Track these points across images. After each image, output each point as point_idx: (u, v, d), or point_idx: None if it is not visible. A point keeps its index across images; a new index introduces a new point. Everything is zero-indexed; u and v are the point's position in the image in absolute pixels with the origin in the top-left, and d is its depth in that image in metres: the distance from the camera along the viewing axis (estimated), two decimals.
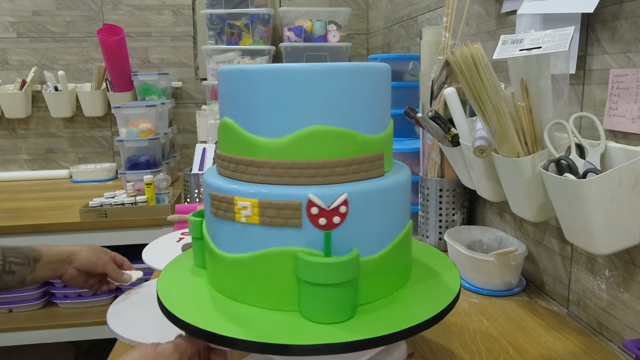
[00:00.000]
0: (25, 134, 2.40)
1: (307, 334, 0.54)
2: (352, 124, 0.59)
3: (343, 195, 0.56)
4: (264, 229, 0.57)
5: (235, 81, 0.61)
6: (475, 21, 1.20)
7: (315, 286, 0.55)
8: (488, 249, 1.07)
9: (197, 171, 1.59)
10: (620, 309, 0.78)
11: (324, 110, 0.58)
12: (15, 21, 2.31)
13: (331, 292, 0.55)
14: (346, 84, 0.58)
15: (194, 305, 0.61)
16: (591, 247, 0.71)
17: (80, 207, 1.69)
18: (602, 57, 0.79)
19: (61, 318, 1.76)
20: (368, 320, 0.57)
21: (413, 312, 0.59)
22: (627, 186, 0.66)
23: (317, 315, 0.56)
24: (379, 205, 0.59)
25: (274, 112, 0.58)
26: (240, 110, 0.61)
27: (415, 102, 1.28)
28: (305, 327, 0.56)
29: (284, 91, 0.58)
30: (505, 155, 0.84)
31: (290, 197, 0.56)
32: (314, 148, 0.58)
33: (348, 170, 0.59)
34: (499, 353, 0.78)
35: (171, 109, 2.37)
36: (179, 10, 2.40)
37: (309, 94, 0.57)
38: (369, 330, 0.54)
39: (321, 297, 0.56)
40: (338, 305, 0.56)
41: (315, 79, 0.57)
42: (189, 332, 0.57)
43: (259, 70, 0.59)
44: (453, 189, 1.19)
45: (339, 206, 0.56)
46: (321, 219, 0.56)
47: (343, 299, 0.56)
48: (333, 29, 2.19)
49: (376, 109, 0.62)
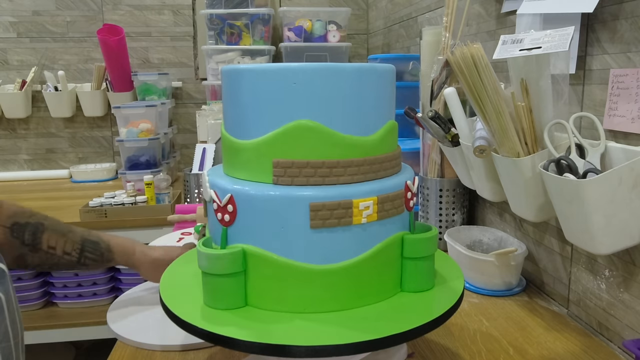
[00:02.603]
0: (25, 134, 2.40)
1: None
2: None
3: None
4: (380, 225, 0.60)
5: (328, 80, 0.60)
6: (475, 21, 1.20)
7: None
8: (488, 249, 1.07)
9: (197, 171, 1.59)
10: (620, 309, 0.78)
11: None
12: (15, 21, 2.31)
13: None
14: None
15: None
16: (591, 247, 0.71)
17: (80, 207, 1.69)
18: (602, 57, 0.79)
19: (61, 318, 1.76)
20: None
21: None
22: (627, 186, 0.66)
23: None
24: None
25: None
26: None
27: (415, 102, 1.28)
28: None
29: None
30: (505, 155, 0.84)
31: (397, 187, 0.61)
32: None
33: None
34: (499, 353, 0.78)
35: (171, 109, 2.37)
36: (179, 10, 2.40)
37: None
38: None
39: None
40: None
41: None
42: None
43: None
44: (453, 189, 1.19)
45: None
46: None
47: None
48: (333, 29, 2.19)
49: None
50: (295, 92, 0.57)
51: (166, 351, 0.80)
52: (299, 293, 0.58)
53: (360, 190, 0.58)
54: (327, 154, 0.58)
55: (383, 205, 0.59)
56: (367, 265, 0.59)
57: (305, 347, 0.52)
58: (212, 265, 0.58)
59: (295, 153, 0.58)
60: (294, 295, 0.58)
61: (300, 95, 0.58)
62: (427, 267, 0.64)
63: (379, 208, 0.59)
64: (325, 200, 0.56)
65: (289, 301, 0.58)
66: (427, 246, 0.63)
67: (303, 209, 0.56)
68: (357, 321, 0.57)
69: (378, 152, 0.61)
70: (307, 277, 0.58)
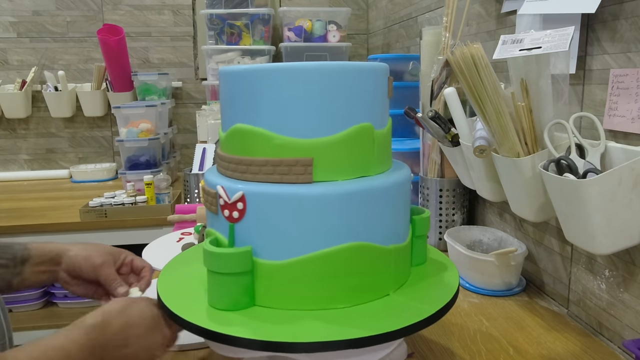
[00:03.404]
0: (25, 134, 2.41)
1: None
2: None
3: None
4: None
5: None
6: (475, 21, 1.20)
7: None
8: (488, 249, 1.07)
9: (197, 171, 1.59)
10: (620, 309, 0.78)
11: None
12: (15, 21, 2.31)
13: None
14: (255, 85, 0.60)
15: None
16: (591, 247, 0.71)
17: (80, 207, 1.69)
18: (602, 57, 0.79)
19: (61, 318, 1.76)
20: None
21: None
22: (627, 186, 0.66)
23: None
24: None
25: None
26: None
27: (415, 102, 1.28)
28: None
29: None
30: (505, 155, 0.84)
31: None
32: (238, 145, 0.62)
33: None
34: (499, 353, 0.78)
35: (171, 109, 2.37)
36: (179, 10, 2.40)
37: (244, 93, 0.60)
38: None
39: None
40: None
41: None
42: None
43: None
44: (453, 189, 1.19)
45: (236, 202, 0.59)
46: (225, 211, 0.60)
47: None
48: (333, 29, 2.19)
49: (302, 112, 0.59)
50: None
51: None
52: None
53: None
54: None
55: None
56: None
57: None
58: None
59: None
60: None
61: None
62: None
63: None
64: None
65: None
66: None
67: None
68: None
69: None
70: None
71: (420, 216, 0.70)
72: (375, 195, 0.60)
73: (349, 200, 0.58)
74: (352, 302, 0.60)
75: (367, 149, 0.62)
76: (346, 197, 0.58)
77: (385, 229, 0.62)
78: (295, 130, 0.58)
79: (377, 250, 0.60)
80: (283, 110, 0.58)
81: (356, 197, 0.58)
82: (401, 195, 0.64)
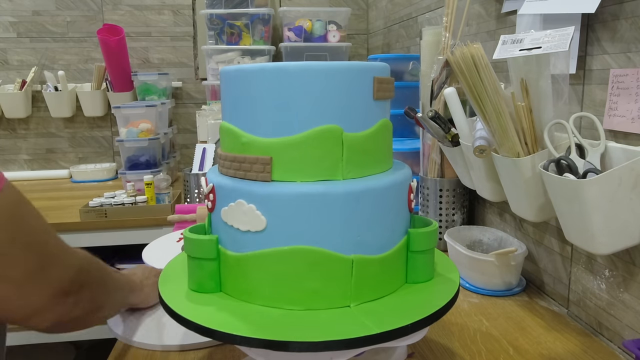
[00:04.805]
0: (25, 134, 2.40)
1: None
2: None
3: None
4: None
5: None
6: (475, 21, 1.20)
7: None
8: (488, 249, 1.07)
9: (197, 171, 1.59)
10: (620, 309, 0.78)
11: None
12: (15, 21, 2.31)
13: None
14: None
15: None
16: (591, 247, 0.71)
17: (80, 207, 1.69)
18: (602, 57, 0.79)
19: None
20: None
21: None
22: (627, 186, 0.66)
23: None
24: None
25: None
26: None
27: (415, 102, 1.28)
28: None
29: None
30: (505, 155, 0.84)
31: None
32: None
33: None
34: (499, 353, 0.78)
35: (171, 109, 2.37)
36: (179, 10, 2.40)
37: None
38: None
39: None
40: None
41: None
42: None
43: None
44: (453, 189, 1.19)
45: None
46: (205, 200, 0.66)
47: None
48: (333, 29, 2.19)
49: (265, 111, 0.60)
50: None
51: (166, 351, 0.80)
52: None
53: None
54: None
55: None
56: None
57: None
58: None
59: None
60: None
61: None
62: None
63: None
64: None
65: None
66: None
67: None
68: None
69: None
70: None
71: (417, 230, 0.64)
72: (330, 200, 0.57)
73: (298, 202, 0.56)
74: (305, 306, 0.59)
75: (332, 152, 0.59)
76: (296, 199, 0.56)
77: (344, 237, 0.58)
78: (259, 130, 0.60)
79: (329, 257, 0.57)
80: (251, 109, 0.61)
81: (307, 200, 0.56)
82: (370, 204, 0.59)
